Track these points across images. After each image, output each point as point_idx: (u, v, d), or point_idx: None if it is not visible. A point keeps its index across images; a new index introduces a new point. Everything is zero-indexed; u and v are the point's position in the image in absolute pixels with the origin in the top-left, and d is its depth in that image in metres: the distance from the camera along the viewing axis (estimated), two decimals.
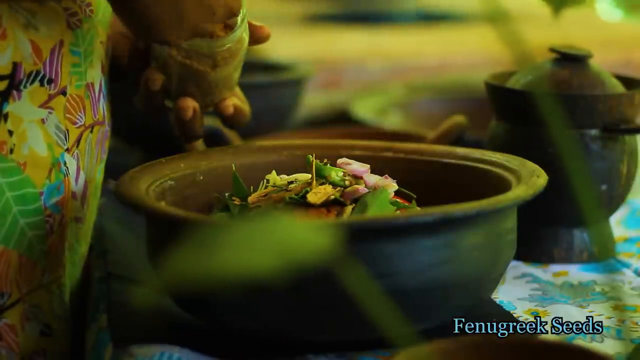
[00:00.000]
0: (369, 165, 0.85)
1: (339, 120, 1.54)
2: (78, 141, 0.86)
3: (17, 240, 0.83)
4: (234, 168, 0.88)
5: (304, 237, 0.44)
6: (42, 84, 0.82)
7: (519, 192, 0.78)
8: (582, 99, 0.95)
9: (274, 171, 0.87)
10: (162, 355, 0.74)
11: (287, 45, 2.05)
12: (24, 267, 0.83)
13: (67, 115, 0.85)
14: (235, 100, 0.93)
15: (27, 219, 0.83)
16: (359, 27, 2.28)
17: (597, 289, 0.91)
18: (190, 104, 0.90)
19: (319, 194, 0.80)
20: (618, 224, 1.07)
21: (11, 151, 0.81)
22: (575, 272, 0.95)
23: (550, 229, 0.97)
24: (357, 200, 0.81)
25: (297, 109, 1.45)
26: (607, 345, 0.79)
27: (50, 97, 0.83)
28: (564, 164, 0.49)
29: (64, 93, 0.84)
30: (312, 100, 1.63)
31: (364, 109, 1.50)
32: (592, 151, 0.95)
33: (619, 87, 0.98)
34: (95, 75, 0.88)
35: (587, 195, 0.48)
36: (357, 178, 0.83)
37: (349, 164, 0.84)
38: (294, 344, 0.77)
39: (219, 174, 0.89)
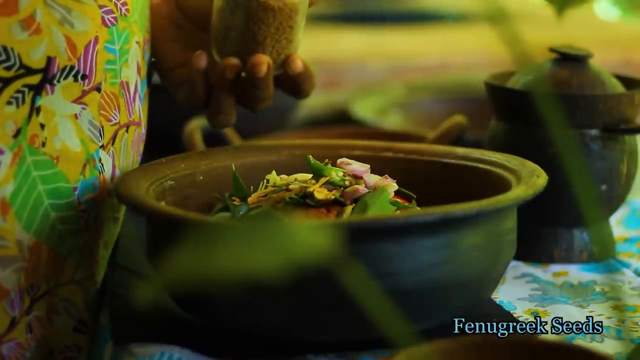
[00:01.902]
0: (368, 165, 0.85)
1: (339, 120, 1.54)
2: (113, 139, 0.87)
3: (48, 234, 0.83)
4: (234, 168, 0.88)
5: (304, 237, 0.44)
6: (75, 80, 0.82)
7: (519, 192, 0.78)
8: (582, 99, 0.95)
9: (274, 171, 0.87)
10: (162, 355, 0.74)
11: None
12: (53, 261, 0.84)
13: (102, 112, 0.85)
14: (304, 59, 0.90)
15: (59, 213, 0.83)
16: (359, 27, 2.28)
17: (597, 289, 0.91)
18: (264, 59, 0.87)
19: (324, 191, 0.81)
20: (618, 224, 1.07)
21: (43, 144, 0.82)
22: (575, 272, 0.95)
23: (550, 229, 0.97)
24: (357, 200, 0.81)
25: (297, 109, 1.45)
26: (607, 345, 0.79)
27: (84, 93, 0.83)
28: (564, 164, 0.49)
29: (98, 89, 0.84)
30: (312, 100, 1.63)
31: (364, 109, 1.50)
32: (592, 151, 0.95)
33: (619, 87, 0.98)
34: (130, 75, 0.88)
35: (587, 195, 0.48)
36: (357, 178, 0.83)
37: (349, 164, 0.84)
38: (294, 343, 0.77)
39: (219, 174, 0.89)
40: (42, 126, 0.81)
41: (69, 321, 0.86)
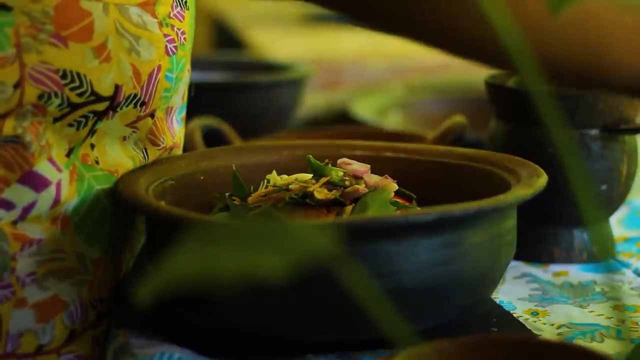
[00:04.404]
0: (369, 165, 0.85)
1: (339, 120, 1.54)
2: None
3: (114, 248, 0.84)
4: (234, 168, 0.88)
5: (305, 237, 0.44)
6: (135, 106, 0.82)
7: (519, 192, 0.78)
8: (582, 99, 0.95)
9: (274, 171, 0.87)
10: (162, 355, 0.74)
11: (287, 45, 2.05)
12: (116, 274, 0.85)
13: (149, 136, 0.85)
14: None
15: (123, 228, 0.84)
16: (359, 27, 2.28)
17: (597, 289, 0.91)
18: None
19: (324, 191, 0.81)
20: (618, 224, 1.07)
21: (97, 162, 0.82)
22: (575, 272, 0.95)
23: (550, 229, 0.97)
24: (358, 200, 0.81)
25: (297, 109, 1.45)
26: (607, 345, 0.79)
27: (139, 118, 0.83)
28: (564, 164, 0.49)
29: (152, 116, 0.85)
30: (312, 100, 1.63)
31: (364, 109, 1.50)
32: (592, 151, 0.95)
33: None
34: (176, 101, 0.88)
35: (587, 195, 0.48)
36: (357, 178, 0.83)
37: (349, 164, 0.84)
38: (294, 344, 0.77)
39: (219, 174, 0.89)
40: (92, 146, 0.82)
41: None
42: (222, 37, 2.43)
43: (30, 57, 0.77)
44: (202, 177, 0.88)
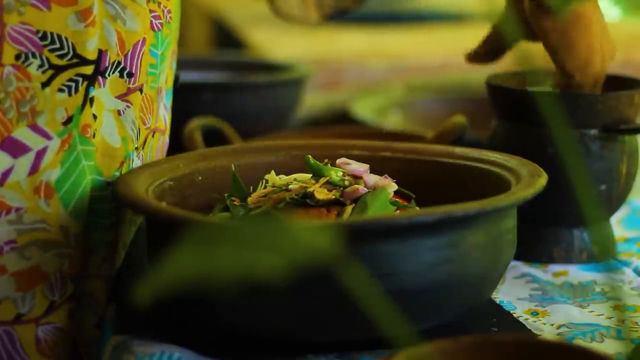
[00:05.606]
0: (368, 165, 0.85)
1: (339, 120, 1.54)
2: (144, 143, 0.88)
3: (89, 223, 0.84)
4: (233, 168, 0.88)
5: (305, 238, 0.44)
6: (121, 76, 0.84)
7: (519, 191, 0.78)
8: (582, 99, 0.95)
9: (272, 171, 0.87)
10: (162, 355, 0.74)
11: (287, 45, 2.04)
12: (86, 251, 0.84)
13: (141, 114, 0.86)
14: None
15: (95, 205, 0.84)
16: (359, 27, 2.28)
17: (597, 289, 0.91)
18: None
19: (324, 191, 0.81)
20: (618, 224, 1.07)
21: (94, 135, 0.83)
22: (575, 272, 0.95)
23: (550, 229, 0.97)
24: (357, 200, 0.81)
25: (296, 109, 1.45)
26: (607, 345, 0.79)
27: (129, 91, 0.84)
28: (564, 164, 0.49)
29: (140, 90, 0.85)
30: (312, 100, 1.63)
31: (364, 109, 1.50)
32: (592, 151, 0.95)
33: (619, 87, 0.98)
34: (163, 82, 0.89)
35: (587, 195, 0.48)
36: (356, 178, 0.83)
37: (349, 163, 0.84)
38: (294, 344, 0.77)
39: (218, 175, 0.89)
40: (95, 117, 0.82)
41: (92, 316, 0.86)
42: (221, 37, 2.43)
43: (11, 18, 0.78)
44: (200, 178, 0.88)
